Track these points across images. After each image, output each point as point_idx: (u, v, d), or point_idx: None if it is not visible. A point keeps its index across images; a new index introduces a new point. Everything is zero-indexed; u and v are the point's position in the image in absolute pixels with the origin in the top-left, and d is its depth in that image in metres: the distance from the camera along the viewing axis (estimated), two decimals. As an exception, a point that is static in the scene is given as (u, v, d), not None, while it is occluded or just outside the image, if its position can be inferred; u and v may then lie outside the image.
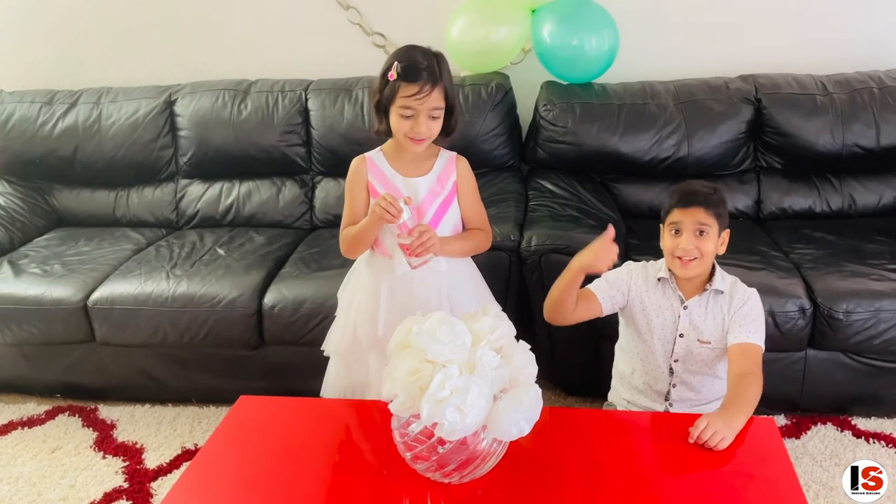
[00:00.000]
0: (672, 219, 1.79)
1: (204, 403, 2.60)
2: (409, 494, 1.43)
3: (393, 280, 1.87)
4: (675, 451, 1.50)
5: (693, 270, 1.79)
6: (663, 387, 1.90)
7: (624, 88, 2.81)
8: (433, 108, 1.74)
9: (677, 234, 1.78)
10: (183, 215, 3.08)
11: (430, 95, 1.72)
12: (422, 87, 1.71)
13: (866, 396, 2.32)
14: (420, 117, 1.74)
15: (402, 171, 1.87)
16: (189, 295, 2.45)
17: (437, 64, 1.75)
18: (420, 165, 1.88)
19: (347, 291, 2.01)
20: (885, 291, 2.18)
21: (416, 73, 1.71)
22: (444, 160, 1.90)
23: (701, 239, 1.76)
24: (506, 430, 1.30)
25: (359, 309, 1.94)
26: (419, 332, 1.34)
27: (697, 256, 1.76)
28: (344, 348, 1.99)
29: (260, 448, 1.60)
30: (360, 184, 1.89)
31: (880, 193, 2.74)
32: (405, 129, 1.76)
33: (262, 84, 3.03)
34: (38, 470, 2.32)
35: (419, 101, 1.72)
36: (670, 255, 1.80)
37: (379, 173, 1.88)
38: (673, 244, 1.79)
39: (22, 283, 2.57)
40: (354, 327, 1.94)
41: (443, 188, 1.88)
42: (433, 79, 1.72)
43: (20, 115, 3.08)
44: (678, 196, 1.80)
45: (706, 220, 1.75)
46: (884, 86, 2.69)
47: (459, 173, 1.90)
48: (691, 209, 1.76)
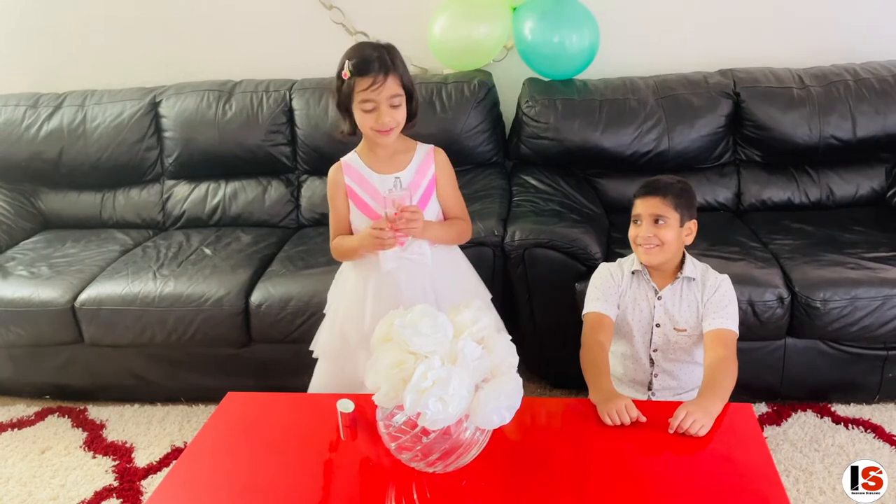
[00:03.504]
0: (634, 209, 1.88)
1: (193, 402, 2.62)
2: (394, 484, 1.46)
3: (379, 278, 1.88)
4: (657, 437, 1.53)
5: (655, 258, 1.85)
6: (645, 377, 1.94)
7: (605, 84, 2.84)
8: (391, 95, 1.75)
9: (638, 223, 1.86)
10: (169, 216, 3.09)
11: (384, 84, 1.73)
12: (375, 78, 1.72)
13: (845, 383, 2.36)
14: (381, 107, 1.75)
15: (378, 169, 1.88)
16: (176, 294, 2.47)
17: (388, 54, 1.77)
18: (397, 161, 1.89)
19: (336, 291, 2.03)
20: (861, 279, 2.22)
21: (368, 65, 1.73)
22: (422, 154, 1.91)
23: (658, 227, 1.82)
24: (487, 418, 1.33)
25: (346, 308, 1.95)
26: (401, 324, 1.37)
27: (658, 244, 1.82)
28: (333, 349, 2.00)
29: (247, 443, 1.62)
30: (339, 192, 1.91)
31: (857, 184, 2.79)
32: (370, 122, 1.77)
33: (247, 84, 3.04)
34: (29, 470, 2.34)
35: (376, 92, 1.73)
36: (634, 244, 1.88)
37: (356, 175, 1.89)
38: (634, 233, 1.87)
39: (9, 286, 2.58)
40: (342, 326, 1.95)
41: (422, 180, 1.89)
42: (385, 68, 1.74)
43: (5, 118, 3.08)
44: (639, 187, 1.89)
45: (662, 210, 1.82)
46: (859, 78, 2.73)
47: (438, 165, 1.91)
48: (648, 199, 1.84)
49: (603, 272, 1.94)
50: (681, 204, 1.84)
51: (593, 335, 1.83)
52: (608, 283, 1.91)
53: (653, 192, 1.84)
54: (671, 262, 1.88)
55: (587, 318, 1.88)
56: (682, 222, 1.84)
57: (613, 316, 1.89)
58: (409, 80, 1.80)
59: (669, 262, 1.88)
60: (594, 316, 1.87)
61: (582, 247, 2.32)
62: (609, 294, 1.89)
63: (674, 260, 1.88)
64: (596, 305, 1.88)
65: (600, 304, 1.88)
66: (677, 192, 1.84)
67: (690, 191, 1.90)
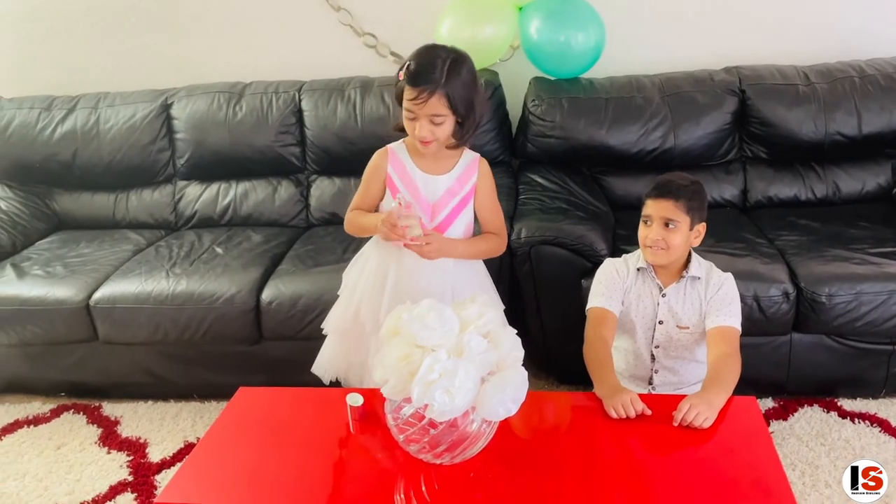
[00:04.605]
0: (644, 210, 1.86)
1: (205, 399, 2.66)
2: (403, 476, 1.48)
3: (400, 269, 1.88)
4: (661, 430, 1.55)
5: (661, 259, 1.85)
6: (646, 373, 1.96)
7: (611, 82, 2.86)
8: (432, 114, 1.72)
9: (648, 224, 1.85)
10: (181, 216, 3.14)
11: (427, 102, 1.70)
12: (420, 93, 1.69)
13: (851, 378, 2.37)
14: (421, 121, 1.73)
15: (422, 167, 1.87)
16: (188, 292, 2.51)
17: (448, 70, 1.70)
18: (441, 164, 1.87)
19: (354, 271, 2.01)
20: (866, 275, 2.24)
21: (417, 77, 1.69)
22: (468, 161, 1.90)
23: (668, 231, 1.81)
24: (493, 410, 1.36)
25: (364, 290, 1.94)
26: (409, 318, 1.40)
27: (664, 248, 1.82)
28: (345, 327, 1.99)
29: (259, 436, 1.66)
30: (377, 177, 1.90)
31: (863, 180, 2.80)
32: (409, 129, 1.78)
33: (256, 86, 3.08)
34: (45, 466, 2.38)
35: (418, 106, 1.71)
36: (642, 244, 1.88)
37: (399, 166, 1.87)
38: (643, 234, 1.86)
39: (25, 285, 2.63)
40: (358, 306, 1.94)
41: (462, 188, 1.88)
42: (433, 85, 1.68)
43: (20, 120, 3.13)
44: (652, 187, 1.87)
45: (674, 214, 1.80)
46: (864, 74, 2.74)
47: (481, 174, 1.90)
48: (661, 201, 1.82)
49: (608, 268, 1.96)
50: (693, 207, 1.82)
51: (597, 330, 1.85)
52: (613, 279, 1.93)
53: (665, 195, 1.82)
54: (677, 261, 1.89)
55: (591, 313, 1.90)
56: (692, 225, 1.84)
57: (617, 312, 1.90)
58: (463, 100, 1.72)
59: (675, 262, 1.89)
60: (598, 311, 1.89)
61: (588, 244, 2.34)
62: (613, 290, 1.91)
63: (680, 260, 1.89)
64: (600, 301, 1.90)
65: (604, 299, 1.90)
66: (690, 195, 1.83)
67: (703, 192, 1.89)
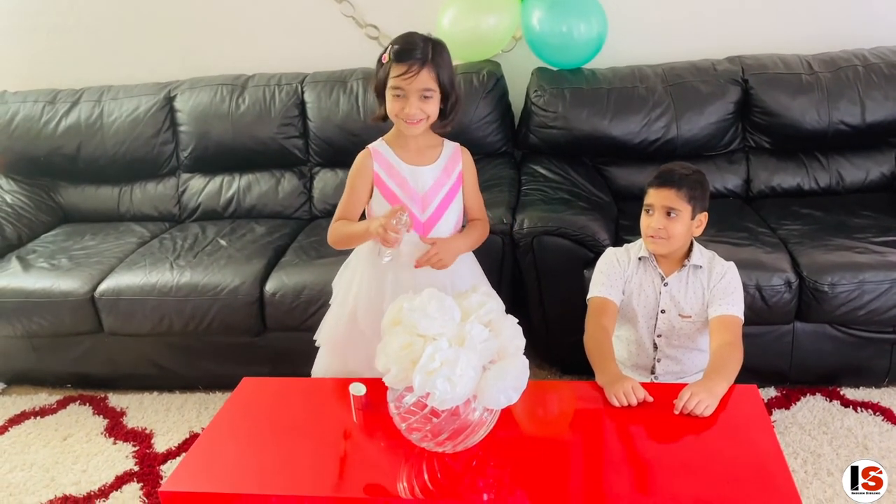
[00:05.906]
0: (646, 199, 1.87)
1: (210, 390, 2.68)
2: (406, 464, 1.49)
3: (398, 272, 1.88)
4: (663, 418, 1.56)
5: (662, 248, 1.86)
6: (648, 362, 1.97)
7: (613, 73, 2.86)
8: (423, 88, 1.74)
9: (649, 213, 1.85)
10: (185, 209, 3.15)
11: (418, 75, 1.73)
12: (410, 67, 1.72)
13: (854, 367, 2.37)
14: (410, 97, 1.75)
15: (407, 160, 1.87)
16: (193, 284, 2.52)
17: (432, 48, 1.76)
18: (425, 154, 1.89)
19: (343, 283, 2.01)
20: (869, 263, 2.24)
21: (405, 53, 1.73)
22: (450, 151, 1.92)
23: (670, 220, 1.81)
24: (494, 398, 1.37)
25: (360, 296, 1.94)
26: (410, 308, 1.41)
27: (665, 237, 1.83)
28: (339, 336, 1.99)
29: (262, 426, 1.67)
30: (364, 179, 1.88)
31: (867, 169, 2.79)
32: (396, 109, 1.78)
33: (259, 78, 3.08)
34: (52, 457, 2.40)
35: (407, 81, 1.73)
36: (643, 234, 1.88)
37: (385, 162, 1.88)
38: (645, 223, 1.87)
39: (30, 277, 2.65)
40: (354, 313, 1.94)
41: (448, 178, 1.89)
42: (423, 59, 1.73)
43: (24, 114, 3.15)
44: (654, 176, 1.87)
45: (676, 203, 1.81)
46: (868, 63, 2.73)
47: (465, 164, 1.92)
48: (663, 190, 1.83)
49: (609, 257, 1.96)
50: (695, 196, 1.83)
51: (597, 320, 1.85)
52: (614, 268, 1.93)
53: (667, 184, 1.82)
54: (679, 251, 1.89)
55: (592, 302, 1.91)
56: (694, 214, 1.84)
57: (618, 301, 1.91)
58: (448, 79, 1.78)
59: (677, 252, 1.89)
60: (599, 300, 1.90)
61: (590, 234, 2.34)
62: (614, 279, 1.91)
63: (682, 249, 1.89)
64: (600, 290, 1.90)
65: (605, 288, 1.90)
66: (692, 184, 1.83)
67: (705, 182, 1.89)
